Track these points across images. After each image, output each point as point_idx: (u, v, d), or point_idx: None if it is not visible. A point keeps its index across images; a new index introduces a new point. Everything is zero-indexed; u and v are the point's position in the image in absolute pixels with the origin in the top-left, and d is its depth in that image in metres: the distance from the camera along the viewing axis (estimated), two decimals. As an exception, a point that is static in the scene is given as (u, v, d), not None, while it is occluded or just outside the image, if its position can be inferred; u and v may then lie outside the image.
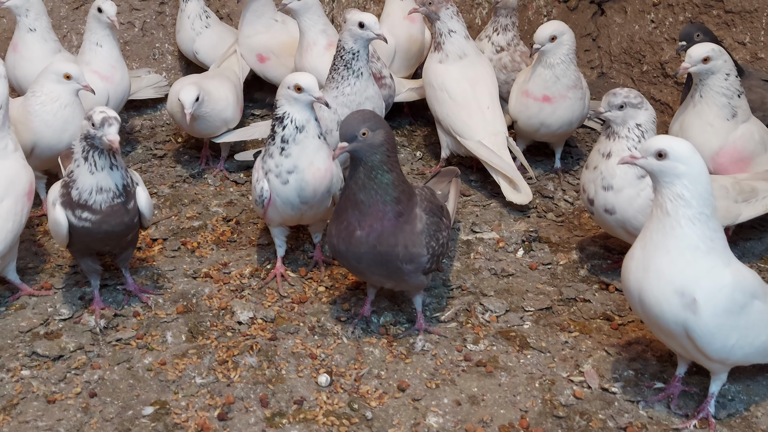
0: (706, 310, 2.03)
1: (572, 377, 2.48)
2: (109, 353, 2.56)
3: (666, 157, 2.04)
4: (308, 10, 3.60)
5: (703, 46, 2.96)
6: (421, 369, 2.51)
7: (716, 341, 2.09)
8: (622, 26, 4.38)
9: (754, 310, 2.12)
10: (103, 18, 3.41)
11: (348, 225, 2.41)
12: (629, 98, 2.68)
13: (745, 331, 2.12)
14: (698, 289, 2.03)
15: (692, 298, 2.03)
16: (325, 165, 2.71)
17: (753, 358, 2.24)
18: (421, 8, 3.57)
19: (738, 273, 2.11)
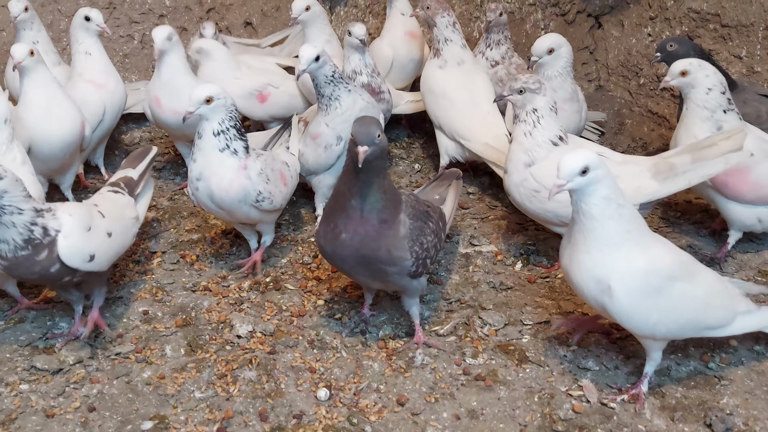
0: (620, 293, 2.26)
1: (571, 391, 2.49)
2: (108, 367, 2.56)
3: (589, 170, 2.20)
4: (316, 19, 3.70)
5: (682, 60, 3.00)
6: (420, 383, 2.52)
7: (634, 319, 2.31)
8: (619, 39, 4.41)
9: (674, 291, 2.30)
10: (91, 26, 3.41)
11: (335, 227, 2.48)
12: (528, 84, 2.85)
13: (667, 311, 2.31)
14: (612, 276, 2.26)
15: (607, 285, 2.26)
16: (229, 177, 2.79)
17: (682, 333, 2.42)
18: (420, 13, 3.64)
19: (655, 257, 2.30)
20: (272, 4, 4.38)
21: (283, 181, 3.01)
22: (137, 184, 2.99)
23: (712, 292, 2.41)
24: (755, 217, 3.06)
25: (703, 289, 2.38)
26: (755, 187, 2.98)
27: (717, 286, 2.44)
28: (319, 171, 3.23)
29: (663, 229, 3.39)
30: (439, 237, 2.66)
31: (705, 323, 2.40)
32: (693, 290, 2.35)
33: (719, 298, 2.43)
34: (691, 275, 2.36)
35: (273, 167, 2.96)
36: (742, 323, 2.46)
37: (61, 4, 4.00)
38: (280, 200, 2.97)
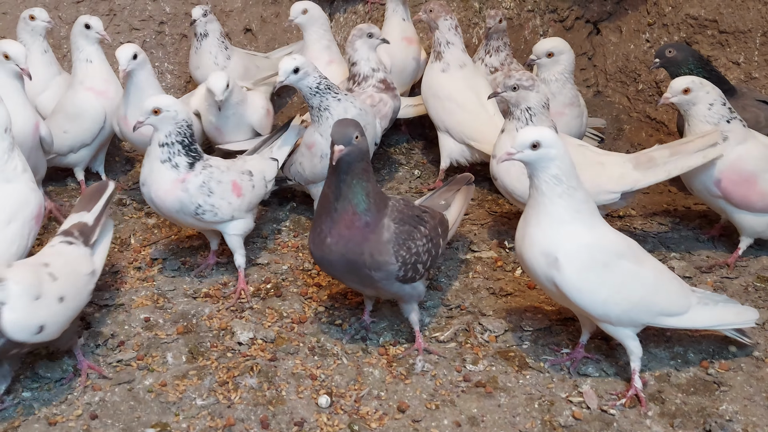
0: (567, 266, 2.34)
1: (571, 398, 2.50)
2: (110, 374, 2.57)
3: (540, 146, 2.29)
4: (314, 23, 3.71)
5: (684, 78, 3.01)
6: (420, 390, 2.53)
7: (584, 295, 2.38)
8: (617, 45, 4.43)
9: (621, 269, 2.39)
10: (91, 34, 3.42)
11: (321, 232, 2.52)
12: (521, 80, 2.89)
13: (615, 287, 2.38)
14: (560, 249, 2.35)
15: (554, 258, 2.35)
16: (165, 188, 2.83)
17: (637, 315, 2.45)
18: (423, 15, 3.66)
19: (601, 235, 2.40)
20: (272, 11, 4.40)
21: (236, 193, 2.95)
22: (93, 231, 2.69)
23: (663, 278, 2.48)
24: (766, 224, 3.08)
25: (652, 272, 2.45)
26: (764, 196, 2.99)
27: (667, 273, 2.52)
28: (317, 180, 3.24)
29: (663, 234, 3.40)
30: (434, 242, 2.66)
31: (659, 307, 2.45)
32: (641, 271, 2.43)
33: (671, 285, 2.49)
34: (638, 258, 2.45)
35: (221, 179, 2.91)
36: (698, 315, 2.51)
37: (61, 11, 4.01)
38: (228, 212, 2.93)
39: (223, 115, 3.46)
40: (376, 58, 3.54)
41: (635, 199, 3.31)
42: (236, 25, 4.33)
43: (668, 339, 2.75)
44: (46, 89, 3.60)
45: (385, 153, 3.92)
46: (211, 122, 3.49)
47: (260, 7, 4.37)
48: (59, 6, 4.00)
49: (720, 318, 2.54)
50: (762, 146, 3.03)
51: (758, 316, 2.58)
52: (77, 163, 3.59)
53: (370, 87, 3.51)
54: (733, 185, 2.98)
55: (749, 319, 2.57)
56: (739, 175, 2.97)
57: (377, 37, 3.49)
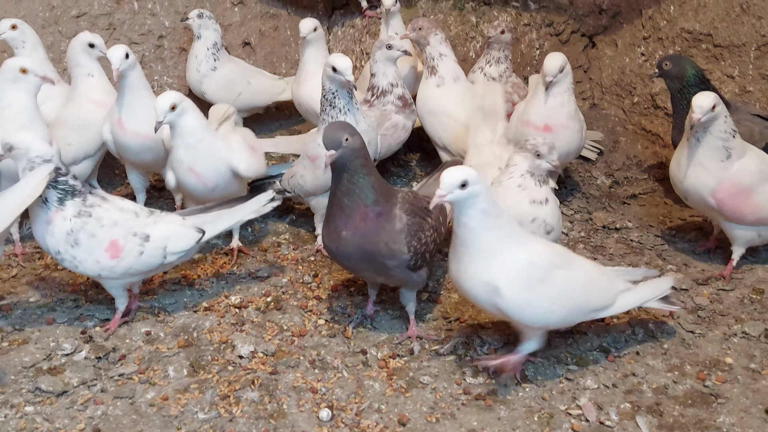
0: (508, 291, 2.42)
1: (570, 410, 2.52)
2: (112, 388, 2.58)
3: (467, 184, 2.35)
4: (318, 41, 3.75)
5: (707, 95, 2.97)
6: (421, 402, 2.55)
7: (527, 312, 2.48)
8: (612, 59, 4.47)
9: (556, 279, 2.48)
10: (94, 52, 3.45)
11: (336, 227, 2.65)
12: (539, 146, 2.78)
13: (554, 298, 2.48)
14: (498, 278, 2.42)
15: (494, 286, 2.42)
16: (36, 227, 2.71)
17: (573, 318, 2.59)
18: (411, 34, 3.67)
19: (532, 252, 2.48)
20: (270, 25, 4.43)
21: (111, 254, 2.69)
22: None
23: (593, 276, 2.59)
24: (756, 233, 3.12)
25: (583, 273, 2.56)
26: (756, 209, 3.03)
27: (595, 270, 2.64)
28: (318, 192, 3.26)
29: (658, 247, 3.43)
30: (438, 231, 2.81)
31: (591, 305, 2.58)
32: (574, 275, 2.53)
33: (600, 281, 2.61)
34: (569, 262, 2.55)
35: (95, 234, 2.66)
36: (623, 301, 2.64)
37: (61, 26, 4.03)
38: (94, 270, 2.70)
39: (187, 144, 3.06)
40: (393, 72, 3.51)
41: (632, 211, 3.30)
42: (235, 39, 4.37)
43: (665, 351, 2.78)
44: (46, 99, 3.62)
45: (383, 166, 3.94)
46: (182, 161, 3.10)
47: (259, 22, 4.40)
48: (59, 21, 4.03)
49: (642, 296, 2.69)
50: (759, 160, 3.07)
51: (672, 282, 2.76)
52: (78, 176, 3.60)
53: (389, 104, 3.51)
54: (730, 198, 3.01)
55: (666, 287, 2.73)
56: (737, 188, 3.01)
57: (397, 48, 3.45)
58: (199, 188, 3.15)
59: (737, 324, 2.92)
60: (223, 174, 3.14)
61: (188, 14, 3.95)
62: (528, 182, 2.79)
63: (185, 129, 3.03)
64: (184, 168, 3.10)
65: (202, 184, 3.13)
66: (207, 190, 3.15)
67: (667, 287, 2.73)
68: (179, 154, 3.09)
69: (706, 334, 2.87)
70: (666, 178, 3.28)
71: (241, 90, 3.98)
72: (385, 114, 3.49)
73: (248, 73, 4.13)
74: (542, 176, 2.80)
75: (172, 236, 2.79)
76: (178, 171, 3.14)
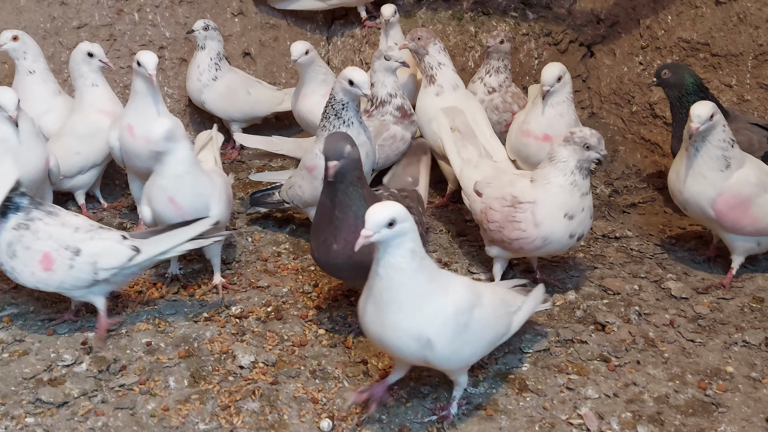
0: (440, 343, 2.29)
1: (571, 420, 2.52)
2: (113, 399, 2.57)
3: (395, 223, 2.18)
4: (313, 62, 3.76)
5: (705, 104, 2.98)
6: (421, 413, 2.54)
7: (453, 361, 2.38)
8: (611, 68, 4.49)
9: (475, 320, 2.38)
10: (94, 62, 3.48)
11: (325, 240, 2.66)
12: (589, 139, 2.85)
13: (474, 340, 2.40)
14: (429, 329, 2.27)
15: (426, 339, 2.27)
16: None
17: (486, 352, 2.53)
18: (410, 43, 3.68)
19: (455, 295, 2.34)
20: (270, 35, 4.45)
21: (44, 266, 2.71)
22: None
23: (496, 305, 2.52)
24: (755, 242, 3.12)
25: (490, 306, 2.47)
26: (755, 220, 3.03)
27: (496, 297, 2.55)
28: (317, 203, 3.25)
29: (659, 255, 3.44)
30: (421, 222, 2.85)
31: (499, 335, 2.52)
32: (485, 311, 2.43)
33: (501, 308, 2.55)
34: (479, 296, 2.44)
35: (30, 246, 2.71)
36: (519, 319, 2.61)
37: (62, 37, 4.05)
38: (30, 281, 2.74)
39: (174, 173, 2.93)
40: (392, 82, 3.50)
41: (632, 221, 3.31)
42: (235, 49, 4.39)
43: (666, 360, 2.78)
44: (48, 110, 3.64)
45: (382, 175, 3.94)
46: (164, 189, 2.96)
47: (259, 32, 4.42)
48: (60, 32, 4.05)
49: (527, 312, 2.67)
50: (758, 171, 3.07)
51: (543, 288, 2.79)
52: (82, 186, 3.63)
53: (388, 114, 3.51)
54: (729, 208, 3.02)
55: (542, 295, 2.77)
56: (737, 199, 3.01)
57: (395, 59, 3.45)
58: (175, 221, 2.95)
59: (738, 333, 2.92)
60: (200, 211, 2.96)
61: (194, 26, 3.96)
62: (578, 178, 2.85)
63: (175, 158, 2.90)
64: (164, 197, 2.95)
65: (180, 217, 2.95)
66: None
67: (542, 294, 2.77)
68: (162, 182, 2.94)
69: (706, 342, 2.87)
70: (665, 187, 3.29)
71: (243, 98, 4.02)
72: (384, 124, 3.50)
73: (248, 83, 4.15)
74: (588, 168, 2.85)
75: (103, 252, 2.76)
76: (156, 201, 2.97)
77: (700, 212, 3.10)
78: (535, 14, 4.56)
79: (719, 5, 3.97)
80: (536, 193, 2.89)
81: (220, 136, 3.53)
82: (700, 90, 3.42)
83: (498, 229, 2.96)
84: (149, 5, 4.19)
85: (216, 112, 4.11)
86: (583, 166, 2.84)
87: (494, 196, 3.01)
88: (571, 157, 2.83)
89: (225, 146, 4.32)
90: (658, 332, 2.92)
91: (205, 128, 4.36)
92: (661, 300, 3.12)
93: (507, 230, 2.93)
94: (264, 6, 4.42)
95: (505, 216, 2.93)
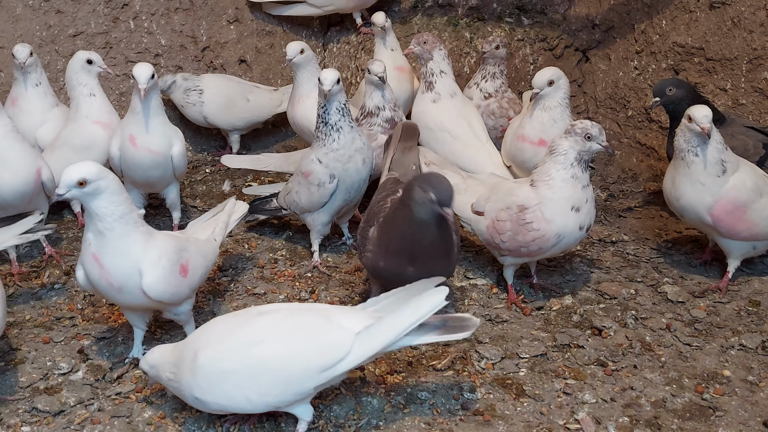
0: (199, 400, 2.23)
1: (568, 425, 2.52)
2: (109, 407, 2.57)
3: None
4: (308, 63, 3.74)
5: (703, 107, 3.00)
6: (419, 419, 2.54)
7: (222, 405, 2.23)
8: (606, 73, 4.50)
9: (258, 359, 2.22)
10: (93, 69, 3.49)
11: (401, 262, 2.66)
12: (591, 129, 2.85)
13: (257, 378, 2.23)
14: (188, 389, 2.25)
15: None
16: None
17: (298, 389, 2.27)
18: (416, 48, 3.69)
19: (207, 350, 2.22)
20: (266, 42, 4.46)
21: None
22: None
23: (305, 335, 2.26)
24: (750, 246, 3.13)
25: (285, 344, 2.24)
26: (750, 225, 3.04)
27: (309, 325, 2.29)
28: (313, 209, 3.27)
29: (655, 260, 3.44)
30: None
31: (317, 365, 2.25)
32: (271, 350, 2.23)
33: (319, 337, 2.27)
34: (265, 336, 2.24)
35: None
36: (374, 340, 2.27)
37: (58, 45, 4.06)
38: None
39: (96, 229, 2.51)
40: (380, 95, 3.48)
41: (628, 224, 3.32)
42: (231, 56, 4.39)
43: (663, 364, 2.78)
44: (44, 122, 3.64)
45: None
46: (89, 244, 2.55)
47: (255, 39, 4.43)
48: (56, 40, 4.05)
49: (402, 324, 2.28)
50: (754, 176, 3.07)
51: (446, 292, 2.33)
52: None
53: (376, 126, 3.51)
54: (726, 214, 3.02)
55: (438, 302, 2.31)
56: (733, 204, 3.01)
57: (374, 73, 3.42)
58: (102, 284, 2.53)
59: (734, 336, 2.92)
60: (131, 278, 2.51)
61: (168, 92, 4.07)
62: (578, 171, 2.85)
63: (94, 211, 2.44)
64: (89, 253, 2.51)
65: (105, 280, 2.52)
66: (113, 290, 2.54)
67: (441, 301, 2.34)
68: (87, 235, 2.52)
69: (703, 346, 2.87)
70: (661, 191, 3.29)
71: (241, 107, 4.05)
72: (372, 135, 3.50)
73: (246, 90, 4.16)
74: (587, 161, 2.85)
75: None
76: (83, 255, 2.56)
77: (697, 219, 3.10)
78: (530, 20, 4.57)
79: (713, 9, 3.99)
80: (540, 194, 2.90)
81: (241, 206, 3.23)
82: (700, 98, 3.43)
83: (512, 237, 2.95)
84: (145, 13, 4.19)
85: (218, 124, 4.12)
86: (583, 158, 2.84)
87: (498, 208, 3.00)
88: (572, 149, 2.83)
89: (220, 153, 4.33)
90: (654, 336, 2.92)
91: (200, 137, 4.40)
92: (658, 304, 3.12)
93: (522, 235, 2.92)
94: (260, 13, 4.43)
95: (515, 222, 2.93)
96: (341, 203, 3.28)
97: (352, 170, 3.21)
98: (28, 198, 3.15)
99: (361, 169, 3.24)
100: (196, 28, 4.28)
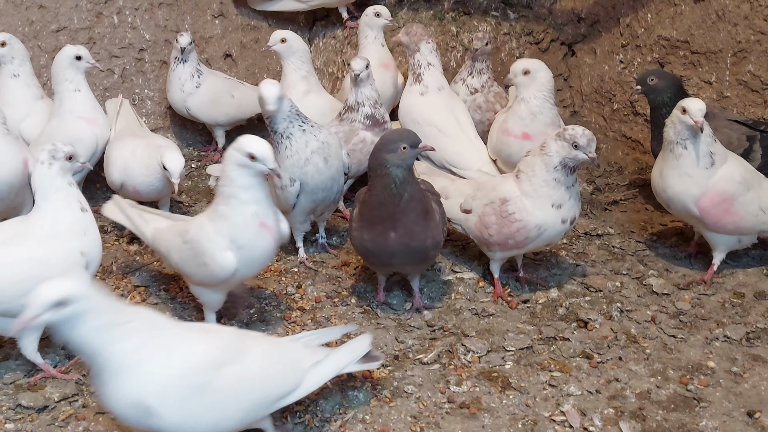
0: (163, 410, 1.99)
1: (554, 417, 2.53)
2: (94, 403, 2.55)
3: (66, 303, 1.87)
4: (293, 54, 3.71)
5: (696, 99, 3.01)
6: (405, 412, 2.54)
7: (187, 427, 2.06)
8: (592, 67, 4.51)
9: (224, 380, 2.09)
10: (81, 65, 3.46)
11: (384, 231, 2.81)
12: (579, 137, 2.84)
13: (224, 403, 2.10)
14: (149, 395, 1.99)
15: (146, 407, 1.99)
16: None
17: (255, 415, 2.21)
18: (403, 38, 3.68)
19: (187, 356, 2.06)
20: (251, 36, 4.44)
21: None
22: None
23: (271, 362, 2.24)
24: (736, 239, 3.14)
25: (259, 364, 2.19)
26: (736, 218, 3.05)
27: (275, 351, 2.28)
28: (287, 210, 3.21)
29: (640, 252, 3.46)
30: (442, 212, 3.01)
31: (274, 395, 2.22)
32: (247, 369, 2.15)
33: (281, 364, 2.27)
34: (239, 353, 2.16)
35: None
36: (316, 377, 2.32)
37: (41, 40, 4.02)
38: None
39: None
40: (361, 92, 3.44)
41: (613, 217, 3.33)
42: (216, 51, 4.37)
43: (648, 356, 2.79)
44: (28, 115, 3.61)
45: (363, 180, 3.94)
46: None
47: (240, 34, 4.41)
48: (38, 35, 4.01)
49: (338, 365, 2.37)
50: (742, 168, 3.08)
51: (370, 338, 2.48)
52: None
53: (357, 122, 3.48)
54: (713, 206, 3.03)
55: (364, 346, 2.45)
56: (721, 197, 3.02)
57: (353, 70, 3.39)
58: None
59: (719, 328, 2.94)
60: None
61: (181, 43, 3.87)
62: (560, 175, 2.86)
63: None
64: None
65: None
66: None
67: (366, 345, 2.45)
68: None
69: (688, 338, 2.89)
70: (647, 184, 3.31)
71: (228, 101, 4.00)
72: (353, 130, 3.48)
73: (231, 86, 4.13)
74: (573, 167, 2.86)
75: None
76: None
77: (684, 210, 3.12)
78: (516, 14, 4.58)
79: (698, 3, 4.00)
80: (522, 187, 2.92)
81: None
82: (683, 92, 3.44)
83: (498, 231, 2.96)
84: (129, 8, 4.16)
85: (201, 118, 4.08)
86: (567, 164, 2.84)
87: (483, 204, 3.02)
88: (557, 154, 2.84)
89: (207, 148, 4.31)
90: (639, 328, 2.94)
91: (186, 132, 4.37)
92: (643, 296, 3.14)
93: (506, 227, 2.93)
94: (245, 8, 4.41)
95: (499, 214, 2.95)
96: (311, 204, 3.23)
97: (312, 172, 3.14)
98: (14, 190, 3.13)
99: (323, 169, 3.16)
100: (180, 23, 4.25)
